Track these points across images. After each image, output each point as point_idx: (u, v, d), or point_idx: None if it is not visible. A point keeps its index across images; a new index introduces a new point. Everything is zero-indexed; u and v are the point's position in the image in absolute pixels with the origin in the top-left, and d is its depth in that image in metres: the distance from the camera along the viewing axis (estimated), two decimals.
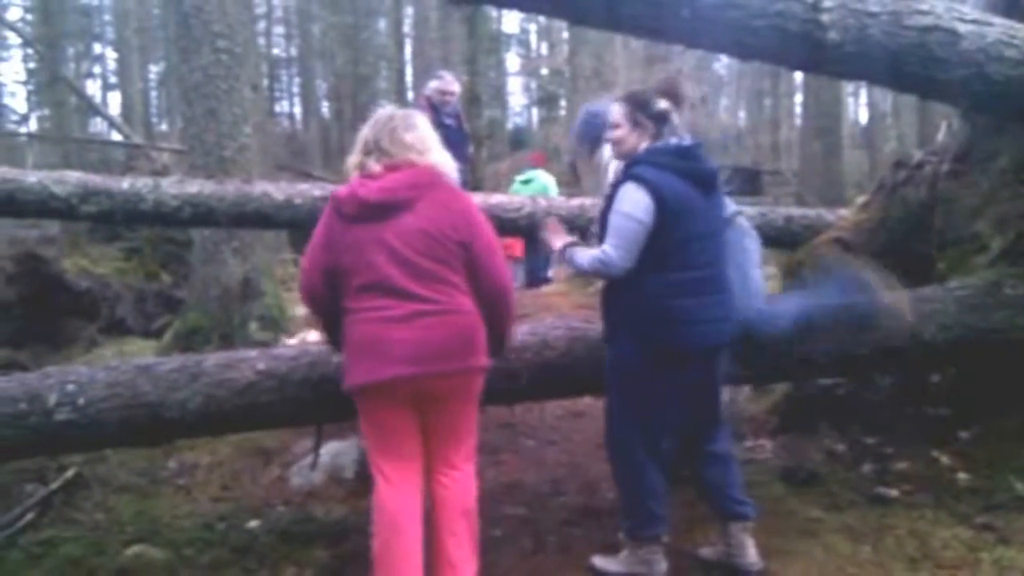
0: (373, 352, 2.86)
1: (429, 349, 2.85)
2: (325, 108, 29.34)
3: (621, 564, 3.30)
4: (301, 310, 8.85)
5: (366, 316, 2.89)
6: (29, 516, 4.04)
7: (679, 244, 3.10)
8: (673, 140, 3.22)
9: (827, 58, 3.61)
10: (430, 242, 2.90)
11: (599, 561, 3.35)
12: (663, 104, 3.24)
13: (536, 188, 9.91)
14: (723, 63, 35.14)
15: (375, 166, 2.96)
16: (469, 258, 2.98)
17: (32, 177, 4.71)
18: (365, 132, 3.07)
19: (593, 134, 3.97)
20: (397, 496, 2.95)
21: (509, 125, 27.72)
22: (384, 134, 3.02)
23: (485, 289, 3.02)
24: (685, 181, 3.12)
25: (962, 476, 3.85)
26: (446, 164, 3.07)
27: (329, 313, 3.03)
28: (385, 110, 3.18)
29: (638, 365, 3.18)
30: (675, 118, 3.26)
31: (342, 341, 3.01)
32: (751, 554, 3.25)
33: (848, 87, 21.59)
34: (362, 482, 4.37)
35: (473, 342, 2.97)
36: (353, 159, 3.06)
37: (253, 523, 3.97)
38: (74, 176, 4.80)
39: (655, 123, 3.22)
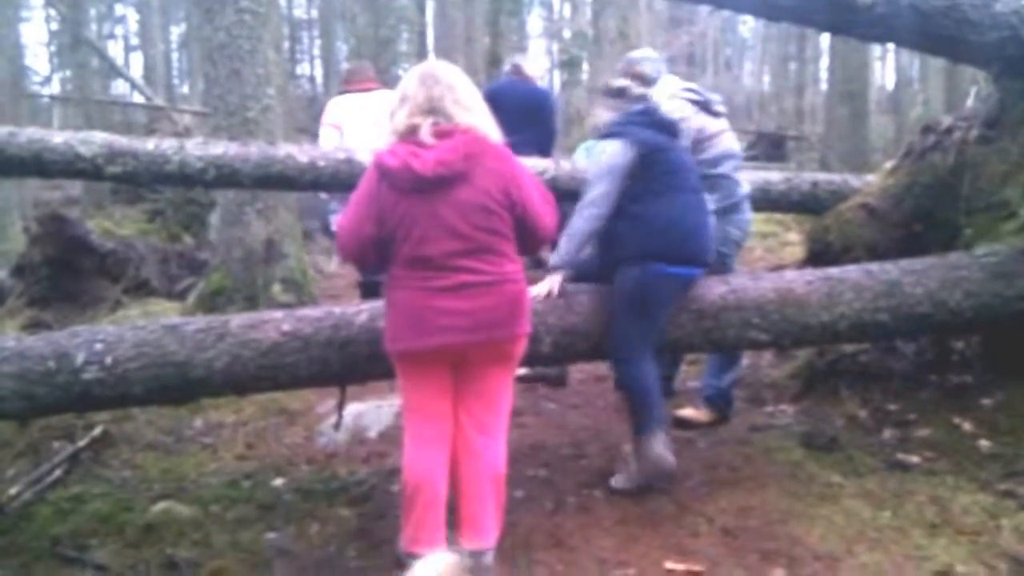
0: (420, 319, 2.87)
1: (476, 318, 2.86)
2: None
3: (631, 478, 3.68)
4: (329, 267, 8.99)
5: (414, 285, 2.88)
6: (57, 473, 4.10)
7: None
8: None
9: (857, 20, 3.57)
10: (486, 214, 2.87)
11: (614, 482, 3.73)
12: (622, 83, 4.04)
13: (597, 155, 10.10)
14: (748, 26, 34.79)
15: (427, 130, 2.84)
16: (517, 218, 2.97)
17: (58, 137, 4.72)
18: (415, 91, 2.92)
19: None
20: (426, 454, 2.99)
21: None
22: (443, 93, 2.90)
23: (527, 238, 3.06)
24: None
25: (984, 443, 3.83)
26: (489, 125, 2.97)
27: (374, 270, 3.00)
28: (428, 65, 3.03)
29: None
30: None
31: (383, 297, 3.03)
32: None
33: (875, 51, 21.25)
34: (385, 442, 4.43)
35: (518, 309, 2.98)
36: (403, 120, 2.91)
37: (278, 481, 4.02)
38: (100, 137, 4.81)
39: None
